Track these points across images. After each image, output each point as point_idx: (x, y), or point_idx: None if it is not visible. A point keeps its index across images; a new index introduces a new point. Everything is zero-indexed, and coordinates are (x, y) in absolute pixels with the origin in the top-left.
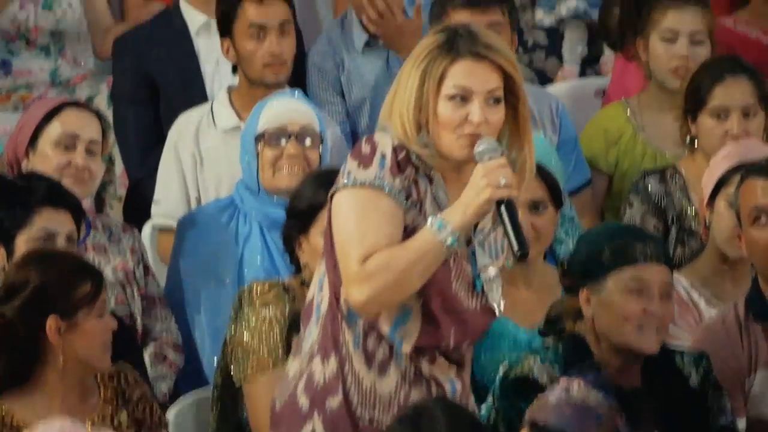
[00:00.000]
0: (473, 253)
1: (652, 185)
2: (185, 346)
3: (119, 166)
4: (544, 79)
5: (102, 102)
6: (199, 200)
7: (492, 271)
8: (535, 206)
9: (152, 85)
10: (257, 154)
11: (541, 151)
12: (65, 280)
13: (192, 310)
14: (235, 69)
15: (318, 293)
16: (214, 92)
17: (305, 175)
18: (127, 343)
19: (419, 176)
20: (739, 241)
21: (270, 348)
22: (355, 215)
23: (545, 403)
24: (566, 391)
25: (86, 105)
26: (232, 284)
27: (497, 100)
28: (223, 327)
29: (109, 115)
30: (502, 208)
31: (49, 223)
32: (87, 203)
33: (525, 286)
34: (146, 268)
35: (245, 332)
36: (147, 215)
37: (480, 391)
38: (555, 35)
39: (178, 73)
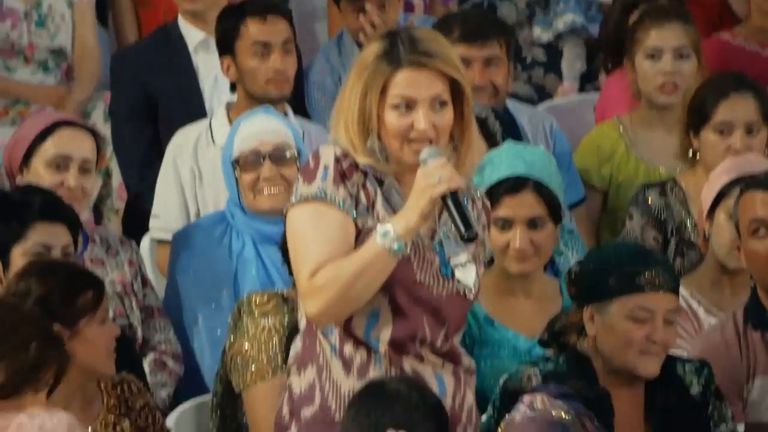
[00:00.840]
0: (440, 244)
1: (653, 198)
2: (185, 357)
3: (116, 179)
4: (543, 95)
5: (99, 117)
6: (198, 215)
7: (463, 257)
8: (533, 223)
9: (151, 102)
10: (236, 179)
11: (541, 166)
12: (66, 290)
13: (190, 323)
14: (233, 87)
15: (301, 308)
16: (213, 108)
17: None
18: (126, 353)
19: (368, 180)
20: (738, 252)
21: (269, 356)
22: (302, 230)
23: (512, 421)
24: (530, 408)
25: (80, 123)
26: (228, 297)
27: (443, 104)
28: (221, 339)
29: (105, 129)
30: (447, 199)
31: (44, 237)
32: (86, 216)
33: (524, 296)
34: (144, 280)
35: (245, 341)
36: (146, 228)
37: (480, 400)
38: (554, 52)
39: (177, 90)
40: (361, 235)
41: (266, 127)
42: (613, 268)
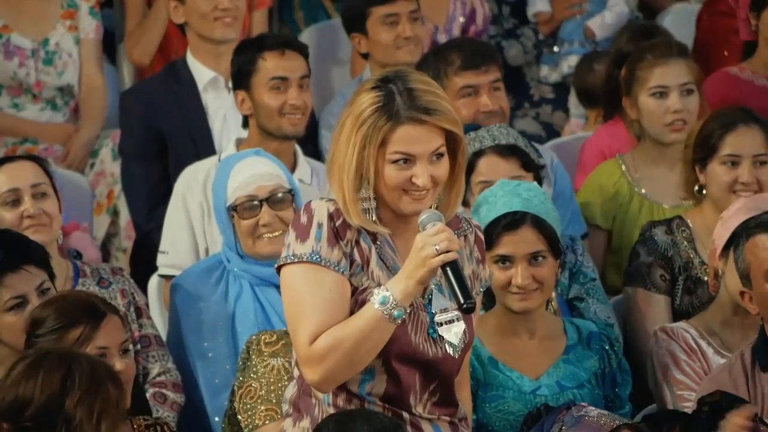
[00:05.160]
0: (430, 298)
1: (659, 236)
2: (189, 401)
3: (124, 218)
4: (551, 132)
5: (107, 155)
6: (207, 251)
7: (449, 313)
8: (534, 258)
9: (160, 140)
10: (233, 225)
11: (537, 202)
12: (56, 325)
13: (190, 372)
14: (245, 123)
15: (294, 358)
16: (222, 146)
17: None
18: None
19: (362, 237)
20: (742, 298)
21: (278, 396)
22: (298, 293)
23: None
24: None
25: (19, 156)
26: (225, 344)
27: (440, 156)
28: (220, 385)
29: (113, 167)
30: (447, 270)
31: (14, 290)
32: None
33: (528, 336)
34: (138, 310)
35: (253, 381)
36: (154, 267)
37: None
38: (561, 89)
39: (186, 128)
40: (355, 294)
41: (261, 172)
42: None
